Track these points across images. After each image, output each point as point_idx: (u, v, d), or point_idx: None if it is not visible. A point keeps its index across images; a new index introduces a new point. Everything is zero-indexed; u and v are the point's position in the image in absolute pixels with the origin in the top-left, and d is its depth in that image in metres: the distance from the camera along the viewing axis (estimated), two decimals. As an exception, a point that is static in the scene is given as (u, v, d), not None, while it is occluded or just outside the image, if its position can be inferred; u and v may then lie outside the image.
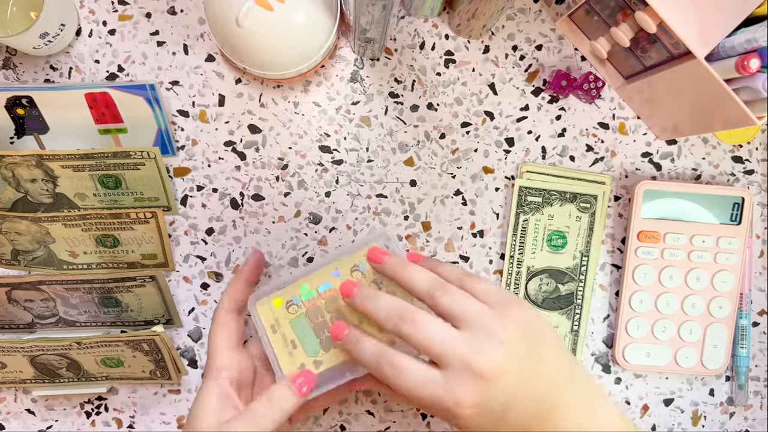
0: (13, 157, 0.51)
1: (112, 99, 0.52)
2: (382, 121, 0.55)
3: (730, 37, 0.44)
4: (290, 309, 0.46)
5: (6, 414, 0.56)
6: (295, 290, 0.46)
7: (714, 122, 0.48)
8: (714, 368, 0.55)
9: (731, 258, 0.55)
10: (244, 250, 0.55)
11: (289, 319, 0.46)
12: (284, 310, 0.46)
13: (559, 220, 0.55)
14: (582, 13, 0.52)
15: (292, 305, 0.46)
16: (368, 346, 0.40)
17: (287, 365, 0.45)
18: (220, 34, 0.48)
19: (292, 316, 0.46)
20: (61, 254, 0.54)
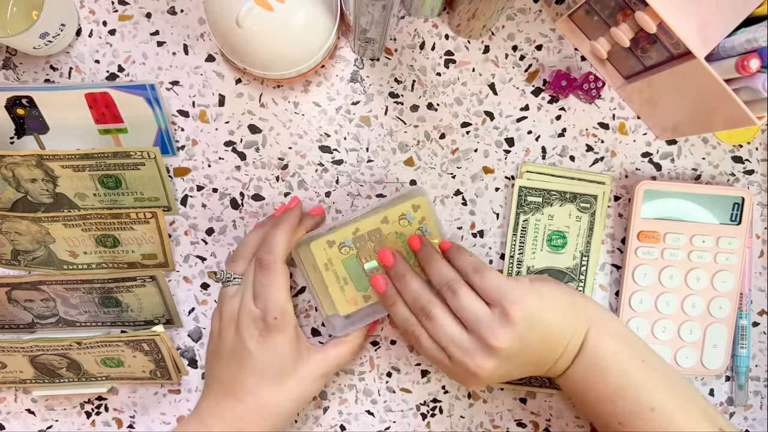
0: (13, 157, 0.51)
1: (112, 99, 0.52)
2: (382, 121, 0.55)
3: (730, 37, 0.44)
4: (342, 250, 0.51)
5: (6, 414, 0.56)
6: (347, 234, 0.50)
7: (714, 122, 0.48)
8: (714, 368, 0.55)
9: (731, 258, 0.55)
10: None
11: (341, 259, 0.51)
12: (337, 251, 0.51)
13: (559, 220, 0.55)
14: (582, 13, 0.52)
15: (344, 246, 0.51)
16: (400, 311, 0.49)
17: (339, 299, 0.51)
18: (220, 34, 0.48)
19: (344, 256, 0.51)
20: (61, 254, 0.54)
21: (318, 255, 0.51)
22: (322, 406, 0.56)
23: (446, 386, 0.56)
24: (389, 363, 0.56)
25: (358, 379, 0.56)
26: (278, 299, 0.47)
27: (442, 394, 0.56)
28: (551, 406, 0.57)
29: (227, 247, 0.55)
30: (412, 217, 0.51)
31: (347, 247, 0.51)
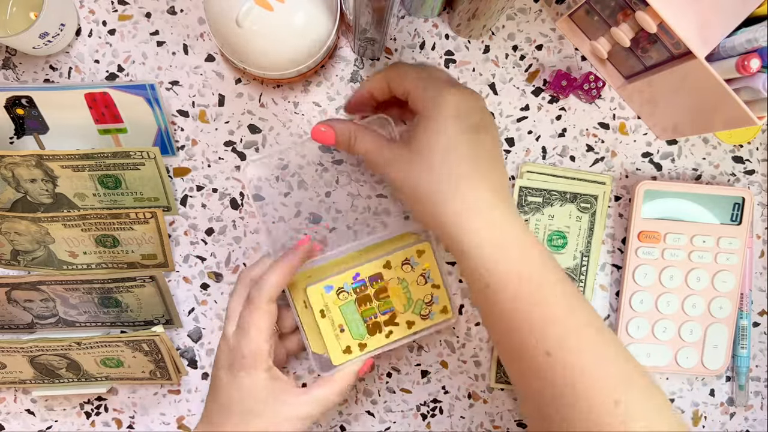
0: (12, 157, 0.51)
1: (111, 99, 0.52)
2: (382, 121, 0.55)
3: (730, 37, 0.44)
4: (341, 296, 0.49)
5: (6, 414, 0.56)
6: (347, 279, 0.49)
7: (714, 122, 0.48)
8: (714, 368, 0.55)
9: (732, 258, 0.55)
10: (245, 250, 0.55)
11: (339, 305, 0.49)
12: (335, 296, 0.49)
13: (559, 220, 0.55)
14: (582, 13, 0.52)
15: (342, 292, 0.49)
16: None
17: (334, 347, 0.50)
18: (220, 34, 0.48)
19: (342, 303, 0.49)
20: (60, 254, 0.54)
21: (314, 300, 0.49)
22: (322, 406, 0.56)
23: (446, 387, 0.56)
24: (389, 363, 0.56)
25: (358, 379, 0.56)
26: (255, 338, 0.45)
27: (443, 395, 0.56)
28: (551, 406, 0.57)
29: (227, 248, 0.55)
30: (416, 263, 0.50)
31: (346, 292, 0.49)
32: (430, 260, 0.50)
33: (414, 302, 0.51)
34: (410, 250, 0.50)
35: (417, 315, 0.50)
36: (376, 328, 0.50)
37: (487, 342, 0.56)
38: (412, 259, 0.50)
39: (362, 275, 0.49)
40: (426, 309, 0.51)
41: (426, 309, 0.51)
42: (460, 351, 0.56)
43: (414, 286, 0.51)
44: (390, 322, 0.51)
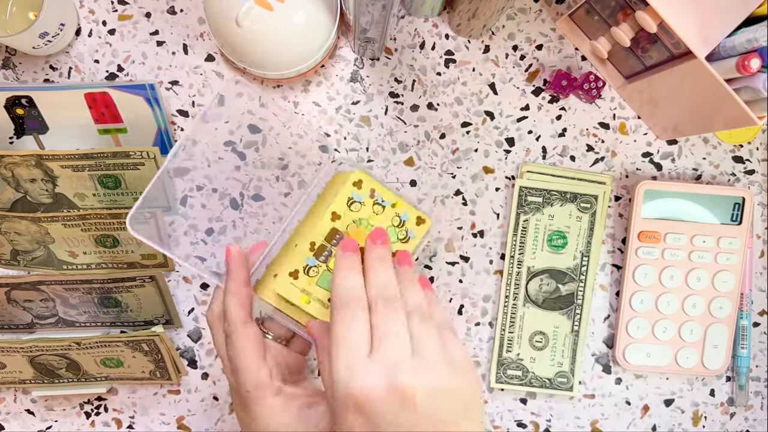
0: (12, 157, 0.51)
1: (111, 99, 0.52)
2: (382, 121, 0.55)
3: (730, 36, 0.44)
4: (310, 272, 0.44)
5: (6, 414, 0.56)
6: (305, 253, 0.44)
7: (714, 122, 0.48)
8: (714, 368, 0.55)
9: (732, 258, 0.55)
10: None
11: (315, 282, 0.44)
12: (305, 277, 0.44)
13: (559, 220, 0.55)
14: (582, 12, 0.52)
15: (309, 268, 0.44)
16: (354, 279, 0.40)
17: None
18: (219, 33, 0.48)
19: (316, 277, 0.44)
20: (60, 254, 0.54)
21: (290, 293, 0.44)
22: (322, 406, 0.56)
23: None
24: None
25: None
26: (247, 368, 0.42)
27: (442, 395, 0.56)
28: (551, 406, 0.57)
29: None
30: (360, 196, 0.45)
31: (313, 267, 0.44)
32: (372, 184, 0.45)
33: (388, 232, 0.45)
34: (347, 188, 0.44)
35: (396, 242, 0.45)
36: None
37: (487, 342, 0.56)
38: (355, 195, 0.44)
39: (317, 241, 0.44)
40: (401, 232, 0.46)
41: (401, 232, 0.46)
42: (460, 351, 0.56)
43: (375, 219, 0.45)
44: None
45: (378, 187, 0.45)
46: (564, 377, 0.55)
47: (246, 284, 0.44)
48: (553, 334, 0.55)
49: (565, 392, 0.55)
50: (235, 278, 0.43)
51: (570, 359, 0.55)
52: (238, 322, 0.42)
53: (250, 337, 0.42)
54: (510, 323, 0.55)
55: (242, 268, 0.43)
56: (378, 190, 0.45)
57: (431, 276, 0.56)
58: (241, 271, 0.43)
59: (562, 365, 0.55)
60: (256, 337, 0.43)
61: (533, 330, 0.55)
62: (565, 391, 0.55)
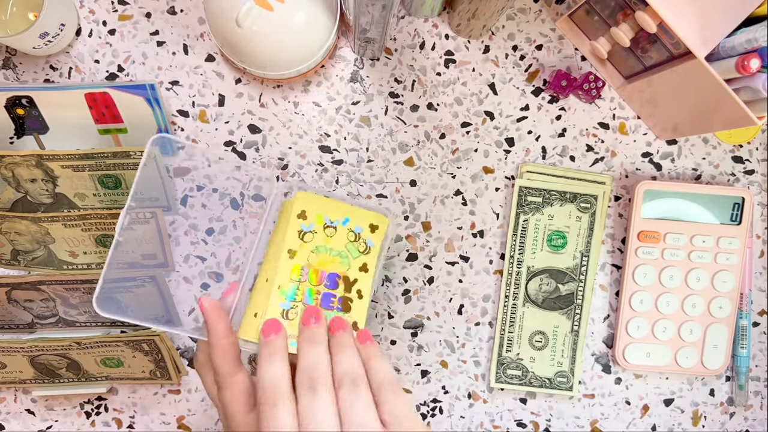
0: (12, 157, 0.51)
1: (111, 99, 0.52)
2: (382, 121, 0.55)
3: (730, 37, 0.44)
4: (289, 315, 0.42)
5: (6, 414, 0.56)
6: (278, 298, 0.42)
7: (714, 122, 0.48)
8: (714, 368, 0.55)
9: (731, 258, 0.55)
10: (245, 251, 0.55)
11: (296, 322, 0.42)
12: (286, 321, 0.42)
13: (559, 220, 0.55)
14: (582, 13, 0.52)
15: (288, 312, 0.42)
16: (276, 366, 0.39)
17: None
18: (220, 34, 0.48)
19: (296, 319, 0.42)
20: (60, 254, 0.54)
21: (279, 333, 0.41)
22: (322, 406, 0.56)
23: (446, 386, 0.56)
24: (389, 363, 0.56)
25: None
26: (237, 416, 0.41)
27: (442, 395, 0.56)
28: (551, 406, 0.57)
29: (227, 248, 0.55)
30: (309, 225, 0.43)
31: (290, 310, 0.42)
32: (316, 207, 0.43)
33: (345, 252, 0.44)
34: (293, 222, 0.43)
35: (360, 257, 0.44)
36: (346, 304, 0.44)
37: (487, 342, 0.56)
38: (303, 227, 0.43)
39: (284, 283, 0.42)
40: (360, 245, 0.44)
41: (360, 245, 0.44)
42: (460, 351, 0.56)
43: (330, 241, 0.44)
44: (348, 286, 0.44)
45: (323, 208, 0.43)
46: (564, 377, 0.55)
47: (226, 335, 0.41)
48: (553, 334, 0.55)
49: (564, 392, 0.55)
50: (214, 332, 0.41)
51: (570, 359, 0.55)
52: (226, 375, 0.41)
53: (239, 388, 0.41)
54: (510, 323, 0.55)
55: (220, 319, 0.42)
56: (324, 211, 0.43)
57: (431, 276, 0.56)
58: (219, 323, 0.41)
59: (562, 365, 0.55)
60: (245, 387, 0.41)
61: (533, 330, 0.55)
62: (565, 391, 0.55)
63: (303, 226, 0.43)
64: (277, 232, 0.45)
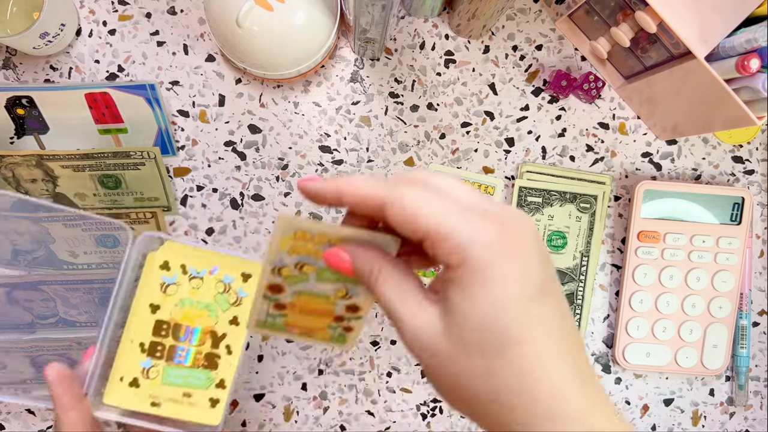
0: (13, 157, 0.51)
1: (112, 99, 0.52)
2: (382, 121, 0.55)
3: (730, 37, 0.44)
4: (150, 374, 0.41)
5: (6, 414, 0.56)
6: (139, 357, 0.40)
7: (714, 122, 0.48)
8: (714, 368, 0.55)
9: (731, 258, 0.55)
10: (245, 250, 0.55)
11: (159, 381, 0.41)
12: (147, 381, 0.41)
13: (559, 221, 0.55)
14: (582, 13, 0.52)
15: (149, 371, 0.40)
16: None
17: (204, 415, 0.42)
18: (220, 34, 0.48)
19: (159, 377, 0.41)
20: (61, 254, 0.54)
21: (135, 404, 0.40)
22: (322, 406, 0.56)
23: (446, 386, 0.56)
24: (389, 363, 0.56)
25: (358, 379, 0.56)
26: None
27: (442, 394, 0.56)
28: (551, 406, 0.57)
29: (227, 248, 0.55)
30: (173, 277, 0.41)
31: (151, 368, 0.40)
32: (181, 257, 0.40)
33: (215, 305, 0.41)
34: (155, 274, 0.40)
35: (231, 307, 0.41)
36: (212, 360, 0.41)
37: (487, 342, 0.56)
38: (165, 278, 0.40)
39: (145, 340, 0.40)
40: (231, 296, 0.42)
41: (231, 296, 0.42)
42: (460, 351, 0.56)
43: (197, 293, 0.41)
44: (216, 342, 0.41)
45: (189, 258, 0.40)
46: (564, 377, 0.55)
47: (73, 406, 0.38)
48: (553, 334, 0.55)
49: (564, 392, 0.55)
50: (59, 404, 0.38)
51: (570, 359, 0.55)
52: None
53: None
54: (510, 323, 0.55)
55: (65, 391, 0.38)
56: (190, 262, 0.40)
57: (431, 276, 0.56)
58: (64, 394, 0.38)
59: (562, 365, 0.55)
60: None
61: (533, 330, 0.55)
62: (565, 391, 0.55)
63: (165, 278, 0.41)
64: (141, 286, 0.42)
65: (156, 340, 0.40)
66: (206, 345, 0.41)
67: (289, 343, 0.55)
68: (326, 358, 0.56)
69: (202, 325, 0.41)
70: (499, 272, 0.26)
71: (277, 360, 0.55)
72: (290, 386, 0.56)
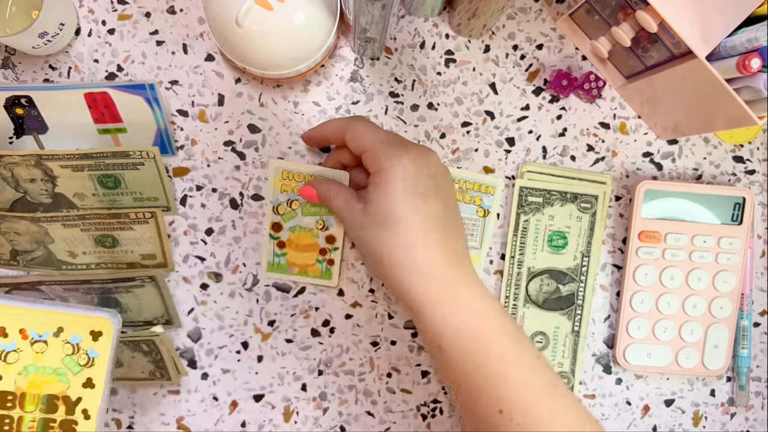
0: (12, 156, 0.51)
1: (111, 99, 0.52)
2: (382, 120, 0.55)
3: (731, 36, 0.44)
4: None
5: (5, 414, 0.56)
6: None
7: (715, 122, 0.48)
8: (715, 369, 0.55)
9: (732, 258, 0.54)
10: (244, 250, 0.55)
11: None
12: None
13: (559, 221, 0.54)
14: (583, 12, 0.52)
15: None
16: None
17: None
18: (219, 33, 0.48)
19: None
20: (60, 254, 0.54)
21: None
22: (322, 406, 0.56)
23: (446, 387, 0.56)
24: (389, 363, 0.56)
25: (358, 380, 0.56)
26: None
27: (443, 395, 0.56)
28: (552, 406, 0.57)
29: (227, 248, 0.55)
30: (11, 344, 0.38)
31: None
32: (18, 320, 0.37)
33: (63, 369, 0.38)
34: None
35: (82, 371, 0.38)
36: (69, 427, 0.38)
37: (488, 342, 0.56)
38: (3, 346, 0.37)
39: None
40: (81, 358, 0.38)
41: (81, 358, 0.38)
42: (460, 351, 0.56)
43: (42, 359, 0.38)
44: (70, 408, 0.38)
45: (28, 320, 0.38)
46: (564, 377, 0.55)
47: None
48: (554, 335, 0.55)
49: (565, 392, 0.55)
50: None
51: (570, 359, 0.55)
52: None
53: None
54: (510, 323, 0.55)
55: None
56: (28, 323, 0.38)
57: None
58: None
59: (563, 365, 0.55)
60: None
61: (534, 330, 0.55)
62: (566, 392, 0.55)
63: (4, 346, 0.37)
64: None
65: (3, 413, 0.37)
66: (60, 412, 0.38)
67: (289, 343, 0.55)
68: (326, 359, 0.55)
69: (53, 391, 0.38)
70: (395, 176, 0.42)
71: (277, 360, 0.55)
72: (290, 387, 0.55)
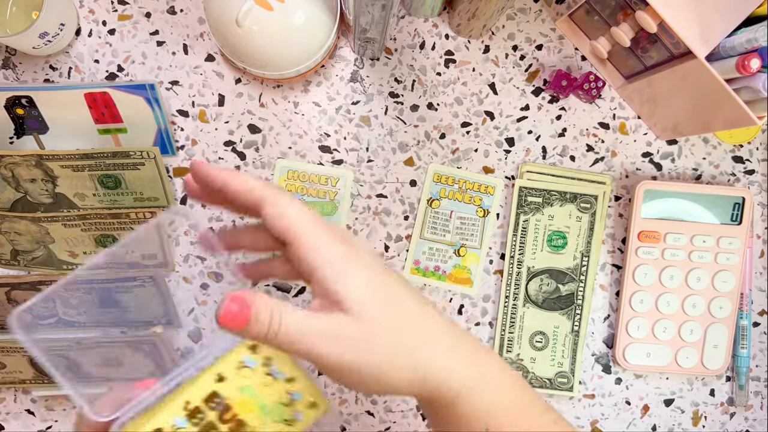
0: (12, 157, 0.51)
1: (111, 99, 0.52)
2: (382, 121, 0.55)
3: (730, 36, 0.44)
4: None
5: (6, 414, 0.56)
6: (176, 411, 0.37)
7: (715, 122, 0.48)
8: (714, 368, 0.55)
9: (732, 258, 0.55)
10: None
11: None
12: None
13: (559, 221, 0.55)
14: (582, 12, 0.52)
15: (178, 430, 0.37)
16: None
17: None
18: (219, 33, 0.48)
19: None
20: (60, 254, 0.54)
21: None
22: (322, 406, 0.56)
23: (446, 386, 0.56)
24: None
25: None
26: None
27: (442, 395, 0.56)
28: (551, 406, 0.57)
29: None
30: (254, 362, 0.39)
31: (182, 429, 0.37)
32: (272, 352, 0.39)
33: (270, 409, 0.39)
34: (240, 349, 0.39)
35: (280, 423, 0.39)
36: None
37: (488, 342, 0.56)
38: (247, 360, 0.38)
39: (193, 401, 0.37)
40: (288, 412, 0.39)
41: (288, 412, 0.39)
42: (460, 351, 0.56)
43: (263, 390, 0.39)
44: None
45: (277, 357, 0.39)
46: (564, 377, 0.55)
47: None
48: (553, 334, 0.55)
49: (565, 392, 0.55)
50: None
51: (570, 359, 0.55)
52: None
53: None
54: (510, 323, 0.55)
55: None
56: (276, 360, 0.39)
57: (431, 276, 0.56)
58: None
59: (562, 365, 0.55)
60: None
61: (533, 330, 0.55)
62: (565, 391, 0.55)
63: (246, 359, 0.39)
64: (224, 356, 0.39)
65: (201, 407, 0.37)
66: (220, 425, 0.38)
67: (289, 343, 0.55)
68: (326, 359, 0.56)
69: (247, 420, 0.38)
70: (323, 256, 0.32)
71: (277, 360, 0.55)
72: (290, 386, 0.56)
